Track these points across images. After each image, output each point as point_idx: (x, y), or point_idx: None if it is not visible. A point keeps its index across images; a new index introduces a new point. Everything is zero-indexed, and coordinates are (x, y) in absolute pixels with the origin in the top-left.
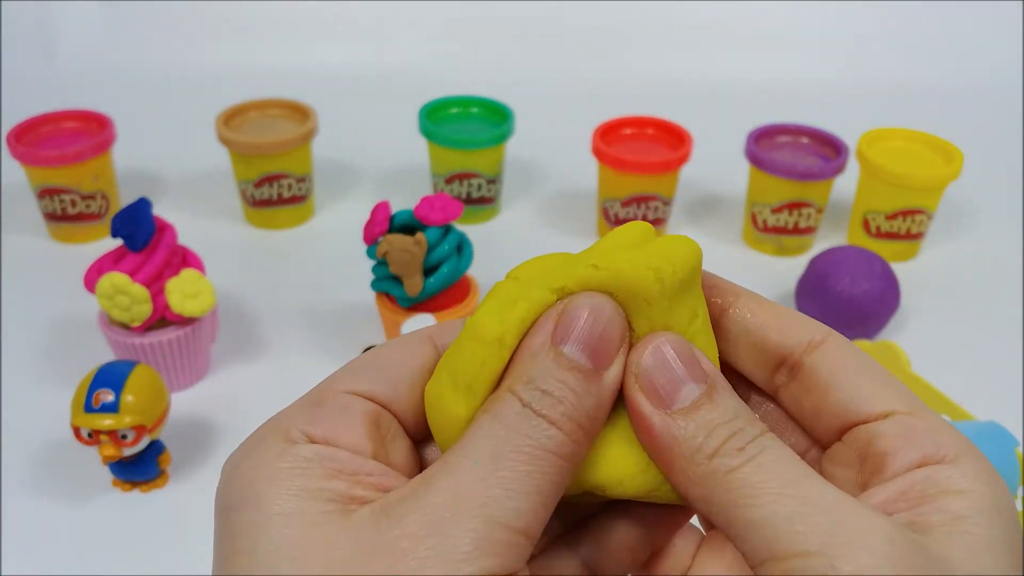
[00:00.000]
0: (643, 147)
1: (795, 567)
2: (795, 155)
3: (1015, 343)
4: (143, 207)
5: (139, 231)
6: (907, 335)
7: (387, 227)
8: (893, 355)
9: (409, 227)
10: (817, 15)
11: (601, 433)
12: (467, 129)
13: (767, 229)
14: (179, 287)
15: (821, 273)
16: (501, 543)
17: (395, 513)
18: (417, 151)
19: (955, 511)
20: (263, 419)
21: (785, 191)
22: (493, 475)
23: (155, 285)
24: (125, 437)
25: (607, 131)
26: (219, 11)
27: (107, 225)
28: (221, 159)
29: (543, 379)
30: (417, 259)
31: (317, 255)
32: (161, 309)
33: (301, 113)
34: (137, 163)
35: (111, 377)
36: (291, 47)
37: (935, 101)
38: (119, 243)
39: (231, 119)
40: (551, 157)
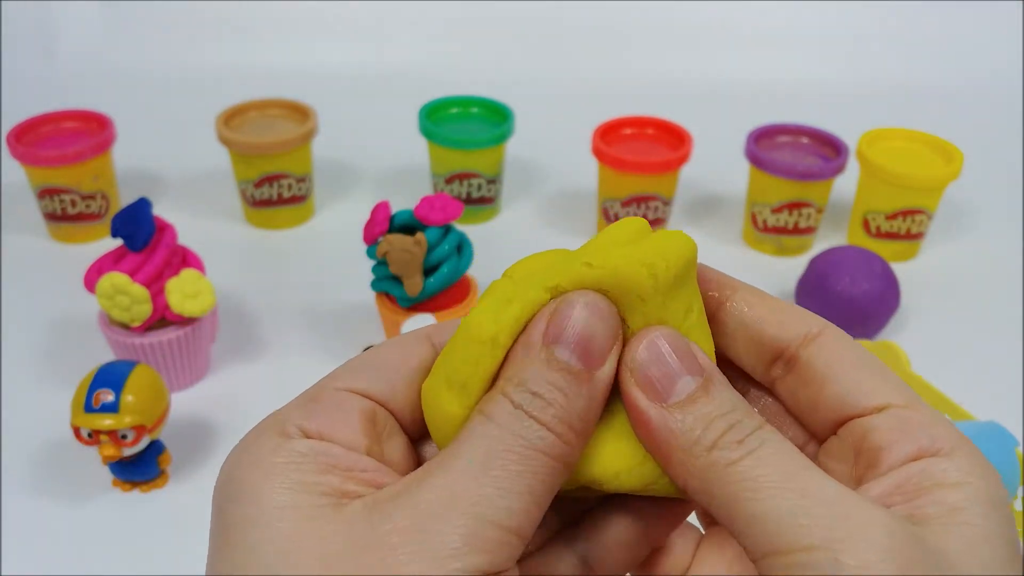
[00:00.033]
0: (643, 147)
1: (798, 561)
2: (795, 155)
3: (1015, 343)
4: (143, 207)
5: (139, 231)
6: (907, 335)
7: (387, 227)
8: (893, 355)
9: (409, 227)
10: (817, 15)
11: (598, 427)
12: (467, 129)
13: (767, 229)
14: (179, 287)
15: (821, 273)
16: (491, 541)
17: (387, 508)
18: (417, 151)
19: (951, 503)
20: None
21: (785, 191)
22: (485, 474)
23: (155, 285)
24: (125, 437)
25: (607, 131)
26: (219, 11)
27: (107, 225)
28: (221, 159)
29: (534, 381)
30: (417, 259)
31: (317, 255)
32: (161, 309)
33: (301, 113)
34: (137, 163)
35: (111, 377)
36: (291, 47)
37: (935, 101)
38: (119, 243)
39: (231, 119)
40: (551, 157)
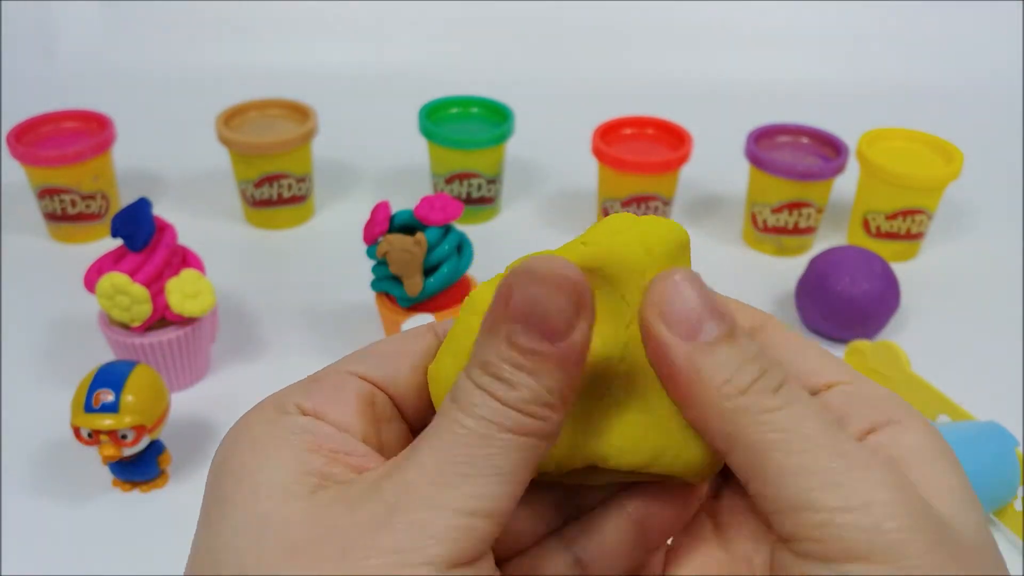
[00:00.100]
0: (643, 147)
1: (833, 520)
2: (795, 155)
3: (1015, 343)
4: (143, 207)
5: (139, 231)
6: (907, 335)
7: (387, 227)
8: (893, 355)
9: (409, 227)
10: (817, 15)
11: (600, 403)
12: (467, 129)
13: (767, 229)
14: (179, 287)
15: (821, 273)
16: (454, 529)
17: (354, 499)
18: (417, 151)
19: (918, 472)
20: None
21: (785, 191)
22: (449, 460)
23: (155, 285)
24: (125, 437)
25: (607, 131)
26: (219, 11)
27: (107, 225)
28: (221, 159)
29: (495, 363)
30: (417, 259)
31: (317, 255)
32: (161, 309)
33: (301, 113)
34: (137, 163)
35: (111, 377)
36: (291, 47)
37: (935, 101)
38: (119, 243)
39: (231, 119)
40: (551, 157)
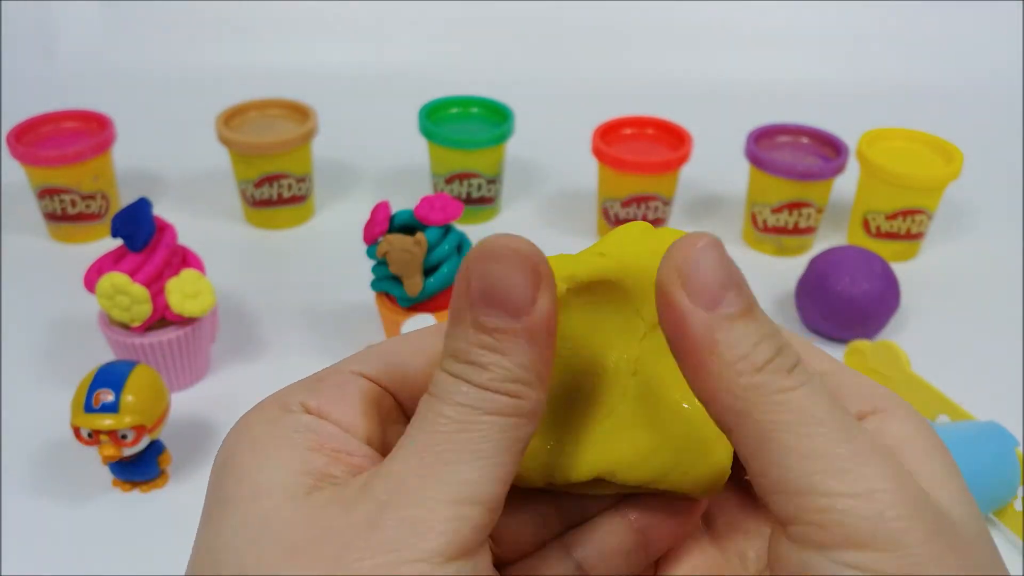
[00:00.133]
0: (643, 147)
1: (836, 505)
2: (795, 155)
3: (1015, 343)
4: (143, 207)
5: (139, 231)
6: (907, 335)
7: (387, 227)
8: (893, 355)
9: (409, 227)
10: (817, 15)
11: (608, 418)
12: (467, 129)
13: (767, 229)
14: (179, 287)
15: (821, 273)
16: (444, 521)
17: (348, 501)
18: (417, 151)
19: (917, 458)
20: None
21: (785, 191)
22: (430, 452)
23: (155, 285)
24: (125, 437)
25: (607, 131)
26: (219, 11)
27: (107, 225)
28: (221, 159)
29: (465, 349)
30: (417, 259)
31: (317, 255)
32: (161, 309)
33: (301, 113)
34: (137, 163)
35: (111, 377)
36: (291, 47)
37: (935, 101)
38: (119, 243)
39: (231, 119)
40: (551, 157)
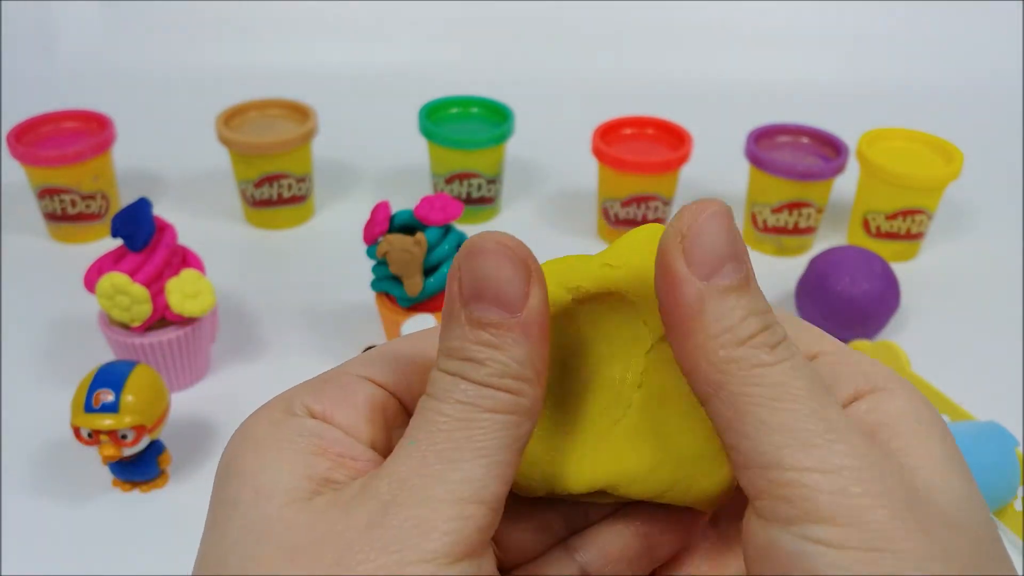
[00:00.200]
0: (643, 147)
1: (800, 480)
2: (795, 155)
3: (1015, 343)
4: (143, 207)
5: (139, 231)
6: (907, 335)
7: (387, 227)
8: (893, 355)
9: (409, 227)
10: (817, 15)
11: (614, 430)
12: (467, 129)
13: (767, 229)
14: (179, 287)
15: (821, 273)
16: (451, 519)
17: (348, 504)
18: (417, 151)
19: (904, 439)
20: None
21: (785, 191)
22: (431, 451)
23: (155, 285)
24: (125, 437)
25: (607, 131)
26: (219, 11)
27: (107, 225)
28: (221, 159)
29: (461, 347)
30: (417, 259)
31: (317, 255)
32: (161, 309)
33: (301, 113)
34: (137, 163)
35: (111, 377)
36: (291, 47)
37: (935, 101)
38: (119, 243)
39: (231, 119)
40: (551, 157)
